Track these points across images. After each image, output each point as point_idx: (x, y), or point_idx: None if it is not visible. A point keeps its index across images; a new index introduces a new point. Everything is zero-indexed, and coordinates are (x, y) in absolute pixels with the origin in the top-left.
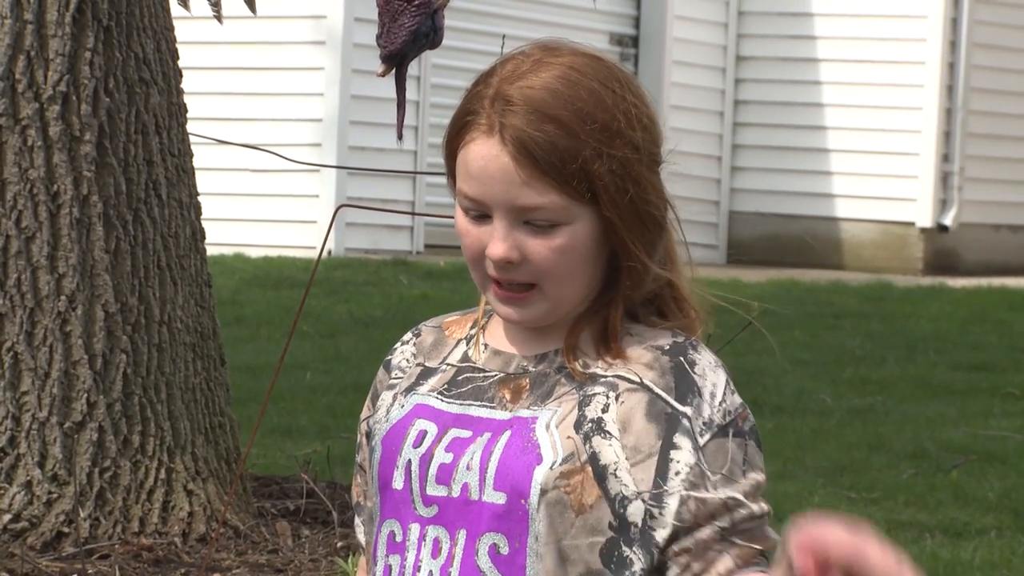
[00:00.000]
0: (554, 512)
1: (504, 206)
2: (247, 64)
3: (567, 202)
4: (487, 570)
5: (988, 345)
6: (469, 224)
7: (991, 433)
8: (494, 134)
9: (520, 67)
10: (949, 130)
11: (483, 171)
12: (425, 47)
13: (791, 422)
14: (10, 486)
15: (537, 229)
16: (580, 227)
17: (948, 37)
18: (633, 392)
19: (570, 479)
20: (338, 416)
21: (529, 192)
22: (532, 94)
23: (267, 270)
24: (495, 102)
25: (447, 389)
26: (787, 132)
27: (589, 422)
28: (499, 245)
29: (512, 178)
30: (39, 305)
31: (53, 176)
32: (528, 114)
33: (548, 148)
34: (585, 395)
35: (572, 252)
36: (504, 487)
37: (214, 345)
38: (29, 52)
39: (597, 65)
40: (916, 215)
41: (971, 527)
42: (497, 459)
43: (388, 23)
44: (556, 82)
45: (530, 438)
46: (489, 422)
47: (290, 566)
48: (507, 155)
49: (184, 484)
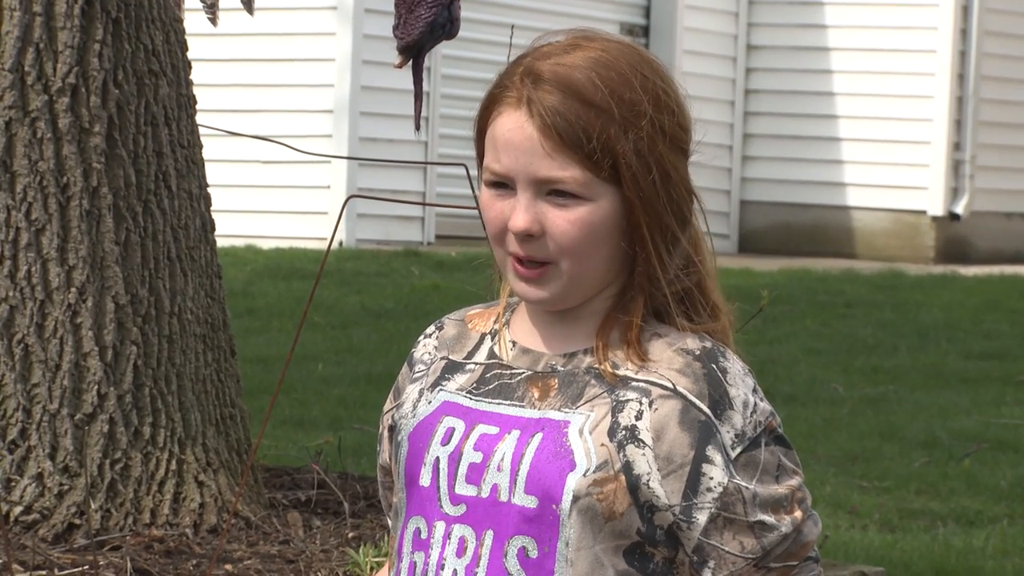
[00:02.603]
0: (585, 519)
1: (527, 177)
2: (258, 55)
3: (589, 178)
4: (515, 572)
5: (1000, 333)
6: (493, 199)
7: (1003, 421)
8: (522, 106)
9: (554, 47)
10: (960, 118)
11: (509, 142)
12: (442, 38)
13: (803, 411)
14: (21, 478)
15: (558, 203)
16: (601, 205)
17: (959, 26)
18: (667, 399)
19: (603, 487)
20: (350, 407)
21: (552, 164)
22: (562, 71)
23: (278, 261)
24: (525, 77)
25: (475, 388)
26: (798, 121)
27: (623, 429)
28: (521, 216)
29: (536, 149)
30: (49, 297)
31: (63, 168)
32: (556, 89)
33: (573, 123)
34: (618, 400)
35: (591, 229)
36: (536, 491)
37: (225, 336)
38: (38, 44)
39: (629, 51)
40: (928, 204)
41: (983, 515)
42: (529, 462)
43: (405, 14)
44: (587, 62)
45: (563, 443)
46: (517, 419)
47: (301, 557)
48: (533, 127)
49: (195, 475)
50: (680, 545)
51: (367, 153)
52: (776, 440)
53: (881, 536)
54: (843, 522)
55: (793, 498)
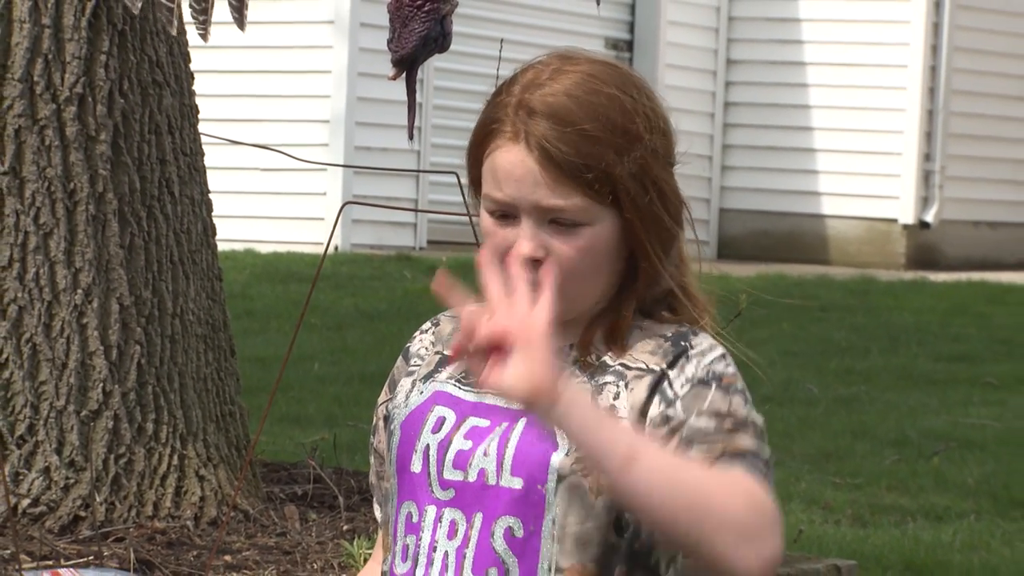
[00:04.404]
0: (574, 496)
1: (531, 207)
2: (257, 67)
3: (590, 204)
4: (502, 552)
5: (968, 337)
6: (495, 225)
7: (971, 421)
8: (519, 141)
9: (540, 76)
10: (931, 131)
11: (510, 175)
12: (434, 51)
13: (779, 411)
14: (29, 472)
15: (561, 228)
16: (602, 228)
17: (930, 42)
18: (640, 378)
19: (586, 463)
20: (344, 405)
21: (554, 195)
22: (554, 101)
23: (276, 265)
24: (518, 111)
25: (464, 377)
26: (775, 133)
27: (602, 409)
28: (527, 244)
29: (538, 181)
30: (56, 298)
31: (70, 174)
32: (551, 122)
33: (572, 154)
34: (597, 384)
35: (593, 252)
36: (521, 473)
37: (225, 337)
38: (47, 55)
39: (614, 72)
40: (899, 212)
41: (951, 511)
42: (514, 446)
43: (399, 28)
44: (576, 89)
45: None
46: (506, 412)
47: (298, 548)
48: (533, 160)
49: (196, 470)
50: None
51: (362, 162)
52: (736, 392)
53: (853, 531)
54: (817, 517)
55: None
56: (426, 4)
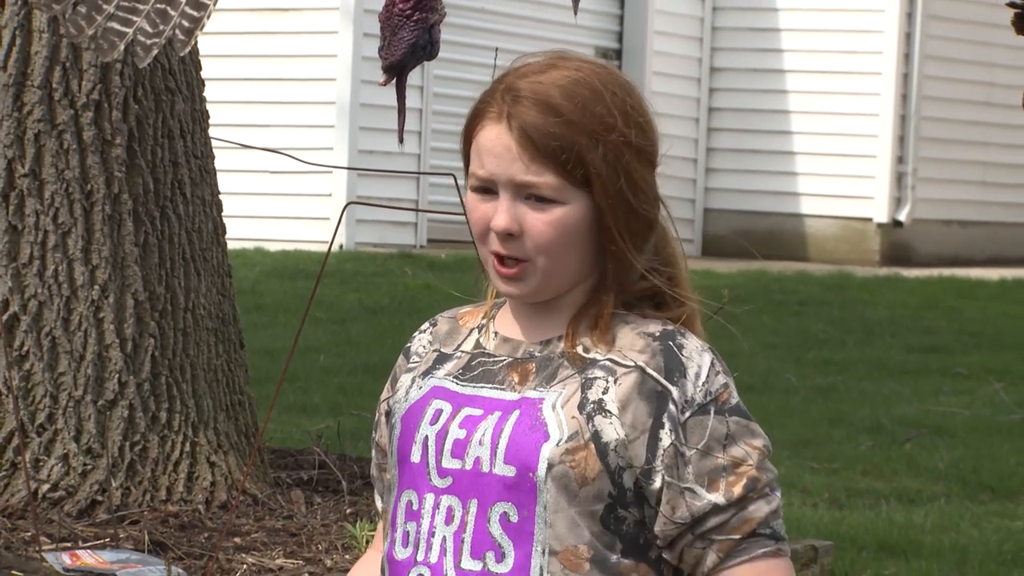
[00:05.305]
0: (560, 484)
1: (507, 181)
2: (266, 75)
3: (563, 184)
4: (498, 536)
5: (939, 329)
6: (478, 202)
7: (941, 409)
8: (502, 120)
9: (532, 67)
10: (903, 135)
11: (491, 151)
12: (423, 59)
13: (760, 399)
14: (49, 458)
15: (536, 205)
16: (574, 208)
17: (903, 50)
18: (629, 374)
19: (575, 455)
20: (348, 395)
21: (529, 171)
22: (539, 88)
23: (284, 263)
24: (506, 94)
25: (461, 374)
26: (757, 137)
27: (591, 403)
28: (502, 217)
29: (515, 157)
30: (75, 294)
31: (87, 176)
32: (533, 104)
33: (548, 135)
34: (587, 378)
35: (565, 229)
36: (514, 461)
37: (234, 330)
38: (64, 63)
39: (602, 71)
40: (873, 212)
41: (923, 494)
42: (507, 436)
43: (389, 37)
44: (562, 79)
45: (538, 417)
46: (499, 402)
47: (303, 531)
48: (512, 138)
49: (207, 456)
50: (645, 504)
51: (365, 164)
52: (732, 411)
53: (830, 513)
54: (795, 500)
55: (735, 470)
56: (415, 14)
